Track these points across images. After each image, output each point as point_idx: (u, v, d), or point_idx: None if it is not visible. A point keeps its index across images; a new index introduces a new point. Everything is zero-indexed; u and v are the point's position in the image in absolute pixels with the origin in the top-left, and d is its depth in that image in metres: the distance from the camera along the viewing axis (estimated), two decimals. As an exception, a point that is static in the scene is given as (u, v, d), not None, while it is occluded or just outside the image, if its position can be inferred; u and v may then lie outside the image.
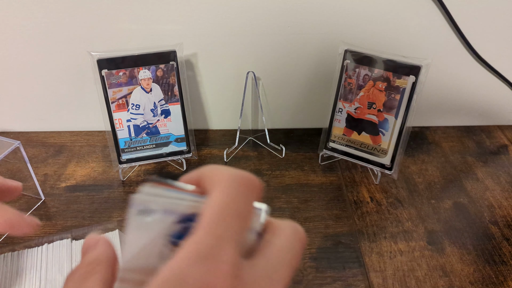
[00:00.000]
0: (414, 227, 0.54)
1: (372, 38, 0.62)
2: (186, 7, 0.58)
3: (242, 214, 0.18)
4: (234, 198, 0.18)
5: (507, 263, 0.50)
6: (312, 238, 0.52)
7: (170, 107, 0.59)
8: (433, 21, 0.61)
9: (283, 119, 0.72)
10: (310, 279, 0.47)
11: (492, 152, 0.68)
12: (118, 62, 0.55)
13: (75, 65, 0.63)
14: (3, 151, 0.50)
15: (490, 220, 0.55)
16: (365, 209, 0.57)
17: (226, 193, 0.18)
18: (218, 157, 0.65)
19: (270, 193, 0.59)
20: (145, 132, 0.59)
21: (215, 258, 0.16)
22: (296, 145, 0.68)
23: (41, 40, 0.61)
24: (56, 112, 0.69)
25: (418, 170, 0.64)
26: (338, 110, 0.60)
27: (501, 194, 0.60)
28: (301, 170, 0.63)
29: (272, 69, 0.65)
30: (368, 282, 0.47)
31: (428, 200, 0.58)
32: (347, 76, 0.57)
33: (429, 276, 0.48)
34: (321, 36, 0.62)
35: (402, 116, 0.56)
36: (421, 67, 0.53)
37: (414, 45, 0.63)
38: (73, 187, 0.59)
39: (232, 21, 0.60)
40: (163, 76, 0.57)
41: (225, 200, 0.18)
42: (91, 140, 0.69)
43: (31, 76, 0.65)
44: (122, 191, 0.59)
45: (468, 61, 0.66)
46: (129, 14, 0.58)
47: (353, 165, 0.64)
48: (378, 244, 0.52)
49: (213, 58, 0.64)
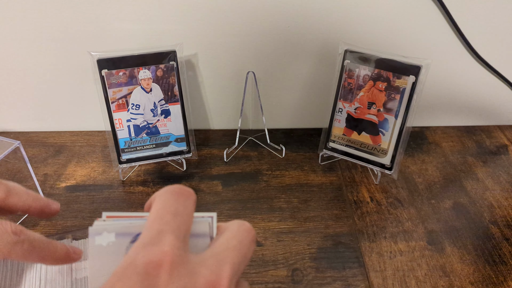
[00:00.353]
0: (414, 227, 0.54)
1: (372, 38, 0.62)
2: (186, 7, 0.58)
3: (176, 212, 0.22)
4: (167, 202, 0.22)
5: (507, 263, 0.50)
6: (312, 238, 0.52)
7: (170, 107, 0.59)
8: (433, 21, 0.61)
9: (283, 119, 0.72)
10: (310, 279, 0.47)
11: (492, 152, 0.68)
12: (118, 62, 0.55)
13: (75, 65, 0.63)
14: (3, 151, 0.50)
15: (490, 220, 0.55)
16: (365, 209, 0.57)
17: (161, 200, 0.23)
18: (218, 157, 0.65)
19: (270, 193, 0.59)
20: (145, 132, 0.59)
21: (157, 244, 0.20)
22: (296, 145, 0.68)
23: (41, 40, 0.61)
24: (56, 112, 0.69)
25: (418, 170, 0.64)
26: (338, 110, 0.60)
27: (501, 194, 0.60)
28: (301, 170, 0.63)
29: (272, 69, 0.65)
30: (368, 282, 0.47)
31: (428, 200, 0.58)
32: (347, 76, 0.57)
33: (429, 276, 0.48)
34: (321, 36, 0.62)
35: (402, 116, 0.56)
36: (421, 67, 0.53)
37: (414, 45, 0.63)
38: (73, 187, 0.59)
39: (232, 21, 0.60)
40: (163, 76, 0.57)
41: (160, 204, 0.22)
42: (91, 140, 0.69)
43: (31, 76, 0.65)
44: (122, 191, 0.59)
45: (468, 61, 0.66)
46: (129, 14, 0.58)
47: (353, 165, 0.64)
48: (378, 244, 0.52)
49: (213, 58, 0.64)
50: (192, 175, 0.62)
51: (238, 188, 0.60)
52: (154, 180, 0.61)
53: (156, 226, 0.21)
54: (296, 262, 0.49)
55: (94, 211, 0.55)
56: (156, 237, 0.20)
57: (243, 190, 0.59)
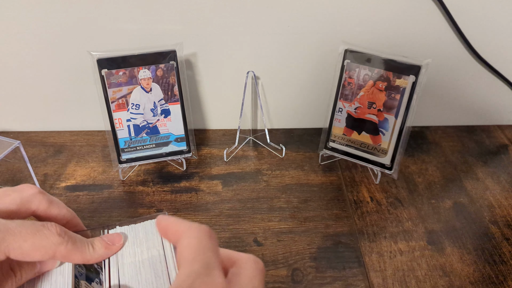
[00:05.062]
0: (414, 227, 0.54)
1: (372, 38, 0.62)
2: (186, 7, 0.58)
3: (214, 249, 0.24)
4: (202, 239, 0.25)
5: (507, 263, 0.50)
6: (312, 238, 0.52)
7: (170, 106, 0.59)
8: (433, 21, 0.61)
9: (283, 119, 0.72)
10: (310, 279, 0.47)
11: (492, 152, 0.68)
12: (118, 62, 0.55)
13: (75, 65, 0.63)
14: (3, 151, 0.50)
15: (490, 220, 0.55)
16: (365, 209, 0.57)
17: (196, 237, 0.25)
18: (218, 157, 0.65)
19: (270, 193, 0.59)
20: (145, 132, 0.59)
21: (210, 275, 0.22)
22: (296, 145, 0.68)
23: (41, 40, 0.61)
24: (56, 112, 0.69)
25: (418, 170, 0.64)
26: (338, 110, 0.60)
27: (501, 194, 0.60)
28: (301, 170, 0.63)
29: (272, 69, 0.65)
30: (368, 282, 0.47)
31: (428, 200, 0.58)
32: (347, 76, 0.57)
33: (429, 276, 0.48)
34: (321, 36, 0.62)
35: (402, 116, 0.56)
36: (421, 67, 0.53)
37: (414, 45, 0.63)
38: (73, 187, 0.59)
39: (232, 20, 0.60)
40: (163, 76, 0.57)
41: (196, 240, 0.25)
42: (91, 140, 0.69)
43: (31, 76, 0.65)
44: (122, 191, 0.59)
45: (468, 61, 0.66)
46: (129, 14, 0.58)
47: (353, 165, 0.64)
48: (378, 244, 0.52)
49: (213, 58, 0.64)
50: (192, 175, 0.62)
51: (238, 188, 0.60)
52: (154, 180, 0.61)
53: (202, 258, 0.23)
54: (296, 262, 0.49)
55: (94, 211, 0.55)
56: (206, 269, 0.22)
57: (243, 190, 0.59)
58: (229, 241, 0.51)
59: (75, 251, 0.28)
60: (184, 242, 0.24)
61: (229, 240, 0.52)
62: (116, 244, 0.30)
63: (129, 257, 0.30)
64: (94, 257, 0.29)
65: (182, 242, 0.24)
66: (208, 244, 0.24)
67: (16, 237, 0.25)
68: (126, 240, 0.31)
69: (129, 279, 0.28)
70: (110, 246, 0.30)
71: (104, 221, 0.54)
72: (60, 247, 0.27)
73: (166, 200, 0.57)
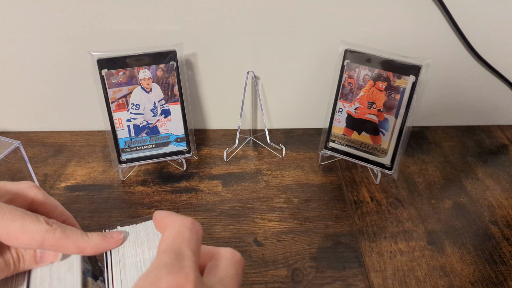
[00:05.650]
0: (414, 227, 0.54)
1: (372, 38, 0.62)
2: (186, 7, 0.58)
3: (190, 239, 0.25)
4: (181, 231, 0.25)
5: (507, 263, 0.50)
6: (312, 238, 0.52)
7: (170, 107, 0.59)
8: (433, 21, 0.61)
9: (283, 119, 0.72)
10: (310, 279, 0.47)
11: (492, 152, 0.68)
12: (118, 62, 0.55)
13: (75, 65, 0.63)
14: (3, 151, 0.50)
15: (490, 220, 0.55)
16: (365, 209, 0.57)
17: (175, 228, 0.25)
18: (218, 157, 0.65)
19: (270, 193, 0.59)
20: (145, 132, 0.59)
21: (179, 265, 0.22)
22: (296, 145, 0.69)
23: (41, 40, 0.61)
24: (56, 112, 0.69)
25: (418, 170, 0.64)
26: (338, 110, 0.60)
27: (501, 194, 0.60)
28: (301, 170, 0.63)
29: (272, 69, 0.65)
30: (368, 282, 0.47)
31: (428, 200, 0.58)
32: (347, 76, 0.57)
33: (429, 276, 0.48)
34: (321, 36, 0.62)
35: (402, 116, 0.56)
36: (421, 67, 0.53)
37: (414, 45, 0.63)
38: (73, 187, 0.59)
39: (232, 21, 0.60)
40: (163, 76, 0.57)
41: (174, 231, 0.25)
42: (91, 140, 0.69)
43: (31, 76, 0.65)
44: (122, 191, 0.59)
45: (468, 61, 0.66)
46: (129, 14, 0.58)
47: (353, 165, 0.64)
48: (378, 244, 0.52)
49: (213, 58, 0.64)
50: (192, 175, 0.62)
51: (238, 188, 0.60)
52: (154, 180, 0.61)
53: (173, 249, 0.23)
54: (296, 262, 0.49)
55: (94, 211, 0.55)
56: (175, 259, 0.23)
57: (243, 190, 0.59)
58: (229, 241, 0.51)
59: (65, 240, 0.27)
60: (165, 235, 0.25)
61: (229, 240, 0.52)
62: (115, 238, 0.30)
63: (130, 257, 0.30)
64: (89, 245, 0.28)
65: (163, 234, 0.25)
66: (185, 235, 0.24)
67: (5, 215, 0.26)
68: (126, 238, 0.31)
69: (131, 279, 0.28)
70: (108, 238, 0.29)
71: (104, 221, 0.54)
72: (48, 234, 0.26)
73: (166, 200, 0.57)
